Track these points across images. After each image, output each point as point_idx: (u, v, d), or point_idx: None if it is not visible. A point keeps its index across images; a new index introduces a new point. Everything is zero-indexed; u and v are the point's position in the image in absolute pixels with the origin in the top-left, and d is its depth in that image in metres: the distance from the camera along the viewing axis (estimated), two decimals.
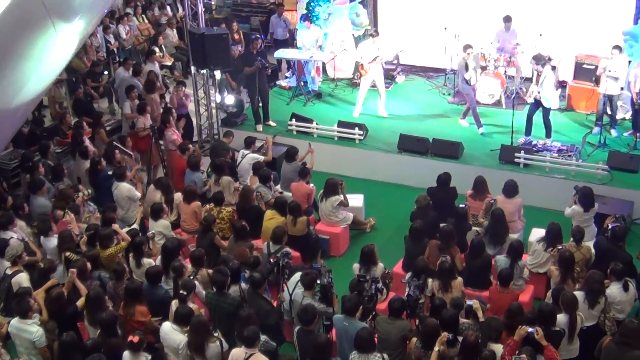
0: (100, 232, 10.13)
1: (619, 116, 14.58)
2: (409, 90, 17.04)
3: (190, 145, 13.30)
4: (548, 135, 13.95)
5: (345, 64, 17.31)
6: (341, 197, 11.68)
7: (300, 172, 12.14)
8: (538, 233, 10.77)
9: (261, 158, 12.84)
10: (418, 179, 13.28)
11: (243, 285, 9.22)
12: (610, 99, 14.10)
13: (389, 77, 17.19)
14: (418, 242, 10.29)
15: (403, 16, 17.72)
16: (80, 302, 8.95)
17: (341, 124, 14.67)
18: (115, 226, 10.47)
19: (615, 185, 12.60)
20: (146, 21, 19.83)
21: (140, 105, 14.09)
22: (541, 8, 16.22)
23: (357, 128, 14.42)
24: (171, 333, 8.33)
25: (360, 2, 17.32)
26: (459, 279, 9.42)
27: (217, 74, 15.19)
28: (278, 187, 12.34)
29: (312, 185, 12.15)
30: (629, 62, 14.38)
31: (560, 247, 9.67)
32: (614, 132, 14.33)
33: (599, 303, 8.71)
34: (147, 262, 9.86)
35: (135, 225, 10.97)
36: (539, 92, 13.57)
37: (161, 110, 14.62)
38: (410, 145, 13.98)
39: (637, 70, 13.66)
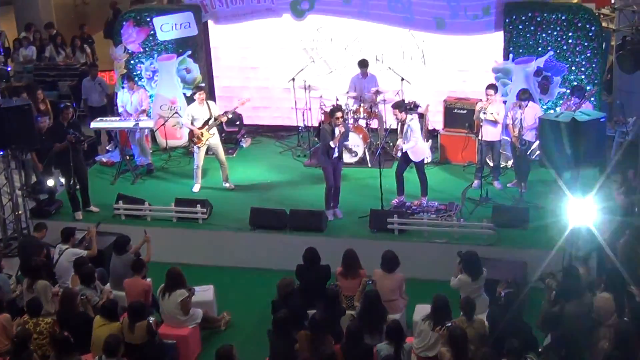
0: None
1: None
2: (258, 155, 17.22)
3: None
4: (423, 193, 14.32)
5: (177, 130, 17.28)
6: (187, 293, 11.52)
7: (133, 265, 11.89)
8: (423, 310, 10.88)
9: (84, 253, 12.51)
10: (278, 260, 13.27)
11: None
12: (491, 147, 14.68)
13: (233, 141, 17.31)
14: (284, 336, 10.21)
15: (242, 69, 18.01)
16: None
17: (179, 202, 14.55)
18: None
19: (504, 245, 13.02)
20: None
21: None
22: (401, 49, 16.86)
23: (198, 205, 14.33)
24: None
25: (189, 56, 17.46)
26: None
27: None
28: (107, 286, 12.05)
29: (149, 279, 11.93)
30: (504, 102, 15.05)
31: (449, 324, 9.82)
32: (497, 184, 14.90)
33: None
34: None
35: None
36: (403, 145, 13.94)
37: None
38: (265, 220, 14.00)
39: (515, 111, 14.27)
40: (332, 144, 13.73)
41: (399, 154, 14.24)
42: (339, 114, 13.74)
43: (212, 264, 13.89)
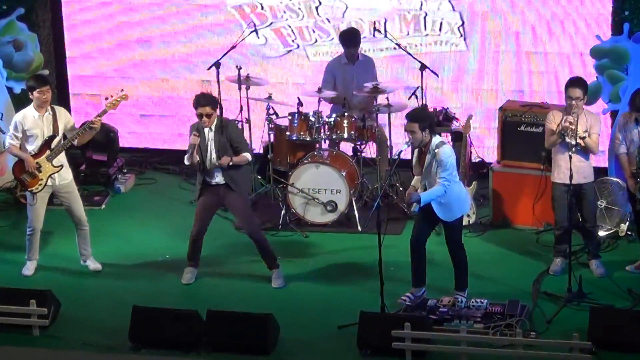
0: None
1: (603, 231, 15.16)
2: (147, 206, 17.41)
3: None
4: (460, 283, 14.19)
5: None
6: None
7: None
8: None
9: None
10: None
11: None
12: (579, 195, 14.51)
13: (101, 180, 17.32)
14: None
15: (120, 46, 18.29)
16: None
17: None
18: None
19: None
20: None
21: None
22: (420, 11, 17.01)
23: (33, 302, 14.06)
24: None
25: (20, 20, 17.64)
26: None
27: None
28: None
29: None
30: (616, 112, 14.94)
31: None
32: (596, 267, 14.80)
33: None
34: None
35: None
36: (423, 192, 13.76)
37: None
38: (159, 330, 13.77)
39: (630, 130, 14.12)
40: (186, 160, 14.24)
41: (416, 208, 14.07)
42: (199, 110, 14.08)
43: None
